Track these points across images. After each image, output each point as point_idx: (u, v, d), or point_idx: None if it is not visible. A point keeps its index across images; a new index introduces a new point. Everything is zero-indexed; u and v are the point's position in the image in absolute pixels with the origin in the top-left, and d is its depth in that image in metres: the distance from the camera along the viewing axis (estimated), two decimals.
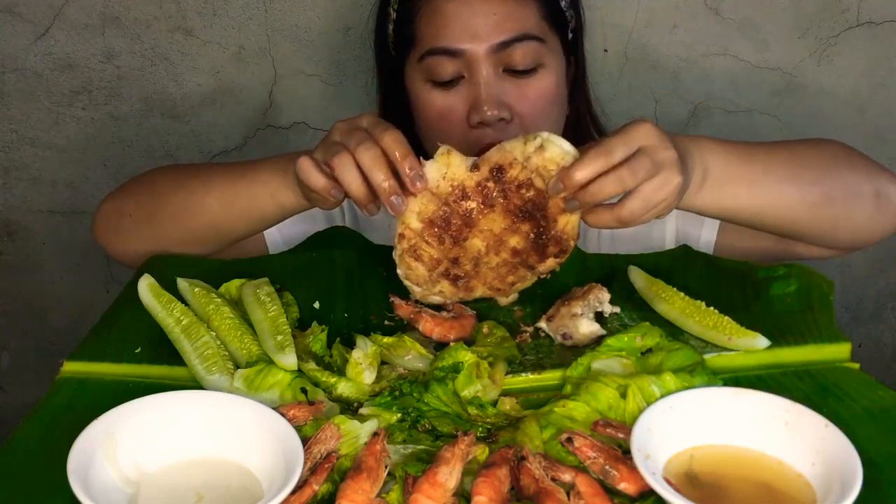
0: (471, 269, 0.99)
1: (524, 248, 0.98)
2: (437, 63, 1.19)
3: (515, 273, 1.00)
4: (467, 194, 0.95)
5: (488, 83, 1.17)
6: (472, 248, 0.98)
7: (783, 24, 1.56)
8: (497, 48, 1.17)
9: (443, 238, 0.97)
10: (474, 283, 1.01)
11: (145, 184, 1.23)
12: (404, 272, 1.00)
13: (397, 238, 0.98)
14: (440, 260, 0.98)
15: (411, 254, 0.98)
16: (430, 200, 0.95)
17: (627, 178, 0.90)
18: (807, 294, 1.05)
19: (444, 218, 0.96)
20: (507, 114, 1.17)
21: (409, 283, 1.01)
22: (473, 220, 0.96)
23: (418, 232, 0.97)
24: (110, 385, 0.93)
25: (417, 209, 0.96)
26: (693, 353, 0.94)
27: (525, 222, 0.96)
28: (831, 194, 1.08)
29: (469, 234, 0.97)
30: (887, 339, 1.83)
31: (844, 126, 1.64)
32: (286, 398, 0.90)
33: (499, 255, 0.99)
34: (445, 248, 0.97)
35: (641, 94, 1.61)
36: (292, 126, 1.64)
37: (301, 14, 1.56)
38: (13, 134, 1.63)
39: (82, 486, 0.71)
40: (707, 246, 1.26)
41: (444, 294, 1.02)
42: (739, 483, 0.79)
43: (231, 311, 1.00)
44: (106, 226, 1.22)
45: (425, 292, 1.02)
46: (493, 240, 0.97)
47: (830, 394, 0.90)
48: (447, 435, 0.86)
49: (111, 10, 1.55)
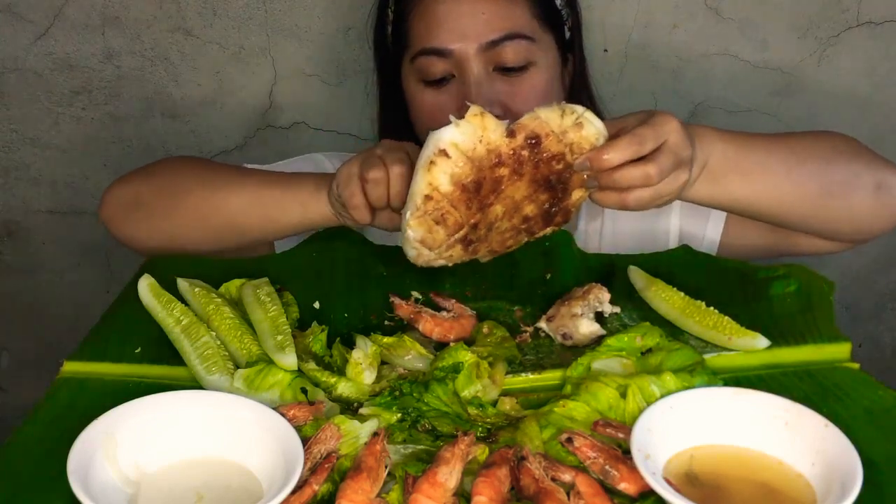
0: (483, 234, 0.97)
1: (534, 217, 0.97)
2: (428, 63, 1.20)
3: (516, 238, 0.99)
4: (502, 161, 0.91)
5: (478, 82, 1.18)
6: (491, 214, 0.95)
7: (783, 24, 1.56)
8: (486, 47, 1.17)
9: (471, 203, 0.93)
10: (480, 247, 0.99)
11: (162, 174, 1.21)
12: (422, 235, 0.94)
13: (421, 199, 0.92)
14: (462, 224, 0.95)
15: (436, 217, 0.93)
16: (466, 164, 0.91)
17: (654, 176, 0.91)
18: (807, 294, 1.05)
19: (477, 182, 0.92)
20: (497, 110, 1.17)
21: (420, 246, 0.95)
22: (502, 187, 0.93)
23: (448, 194, 0.92)
24: (110, 385, 0.93)
25: (451, 171, 0.91)
26: (693, 353, 0.94)
27: (545, 192, 0.94)
28: (830, 186, 1.08)
29: (494, 201, 0.94)
30: (887, 339, 1.83)
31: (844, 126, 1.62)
32: (286, 398, 0.90)
33: (510, 221, 0.96)
34: (471, 213, 0.94)
35: (641, 94, 1.61)
36: (292, 126, 1.64)
37: (301, 14, 1.56)
38: (13, 134, 1.63)
39: (82, 486, 0.71)
40: (711, 244, 1.26)
41: (452, 258, 0.98)
42: (739, 483, 0.79)
43: (231, 311, 1.00)
44: (117, 212, 1.19)
45: (434, 257, 0.97)
46: (511, 206, 0.95)
47: (830, 394, 0.90)
48: (447, 435, 0.86)
49: (111, 10, 1.55)
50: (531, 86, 1.20)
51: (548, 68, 1.22)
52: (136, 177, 1.21)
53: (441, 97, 1.21)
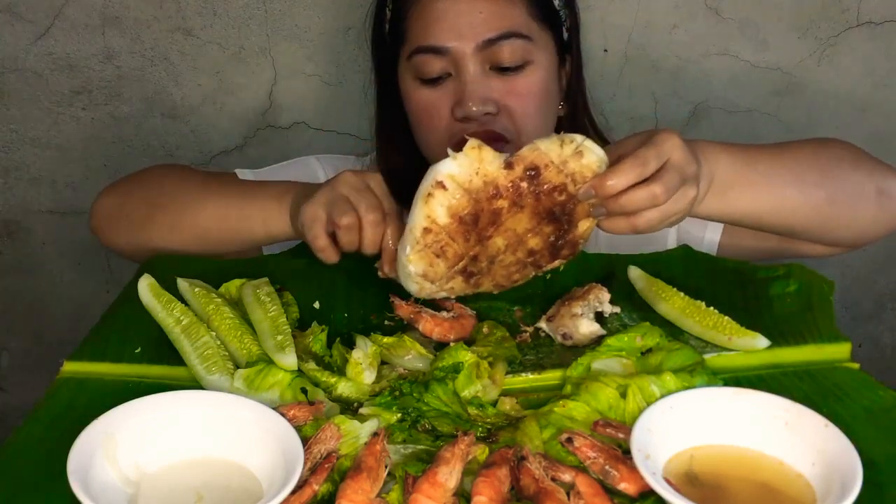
0: (485, 267, 0.96)
1: (540, 250, 0.96)
2: (425, 61, 1.20)
3: (522, 272, 0.98)
4: (500, 193, 0.91)
5: (474, 80, 1.18)
6: (492, 247, 0.94)
7: (783, 24, 1.56)
8: (483, 46, 1.17)
9: (469, 235, 0.93)
10: (483, 280, 0.98)
11: (143, 183, 1.24)
12: (423, 269, 0.95)
13: (420, 233, 0.92)
14: (462, 256, 0.95)
15: (434, 249, 0.93)
16: (462, 196, 0.91)
17: (661, 195, 0.90)
18: (807, 294, 1.05)
19: (474, 214, 0.92)
20: (492, 107, 1.18)
21: (422, 280, 0.96)
22: (501, 220, 0.92)
23: (446, 227, 0.92)
24: (110, 385, 0.93)
25: (447, 203, 0.91)
26: (693, 353, 0.94)
27: (549, 224, 0.93)
28: (834, 195, 1.08)
29: (493, 233, 0.93)
30: (887, 339, 1.83)
31: (844, 126, 1.63)
32: (286, 398, 0.90)
33: (514, 255, 0.96)
34: (469, 245, 0.94)
35: (641, 94, 1.61)
36: (292, 126, 1.64)
37: (301, 14, 1.56)
38: (13, 134, 1.63)
39: (82, 486, 0.71)
40: (710, 246, 1.26)
41: (454, 290, 0.98)
42: (739, 483, 0.79)
43: (231, 311, 1.00)
44: (102, 222, 1.24)
45: (436, 289, 0.98)
46: (513, 239, 0.94)
47: (830, 394, 0.90)
48: (447, 435, 0.86)
49: (111, 10, 1.55)
50: (528, 85, 1.20)
51: (545, 68, 1.22)
52: (120, 187, 1.26)
53: (436, 95, 1.21)
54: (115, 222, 1.22)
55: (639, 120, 1.63)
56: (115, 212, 1.23)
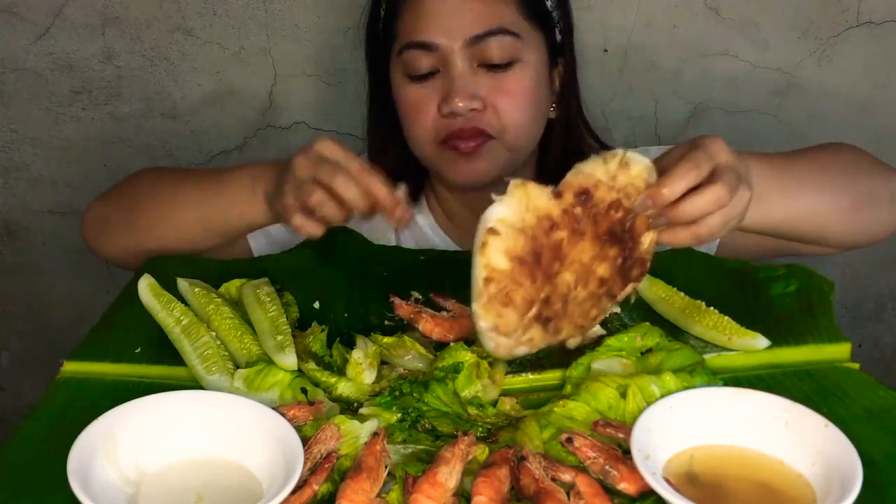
0: (560, 309, 0.88)
1: (611, 276, 0.89)
2: (414, 57, 1.20)
3: (598, 305, 0.91)
4: (556, 223, 0.85)
5: (461, 77, 1.18)
6: (562, 284, 0.87)
7: (783, 24, 1.56)
8: (471, 42, 1.17)
9: (535, 275, 0.85)
10: (562, 324, 0.89)
11: (125, 190, 1.26)
12: (493, 323, 0.86)
13: (482, 284, 0.84)
14: (533, 301, 0.86)
15: (501, 299, 0.85)
16: (517, 235, 0.84)
17: (725, 196, 0.86)
18: (807, 294, 1.05)
19: (535, 253, 0.85)
20: (478, 104, 1.18)
21: (495, 335, 0.87)
22: (564, 252, 0.86)
23: (507, 272, 0.84)
24: (110, 385, 0.93)
25: (504, 247, 0.84)
26: (693, 353, 0.94)
27: (613, 247, 0.88)
28: (858, 200, 1.10)
29: (560, 269, 0.86)
30: (887, 339, 1.83)
31: (844, 126, 1.63)
32: (286, 398, 0.90)
33: (586, 288, 0.89)
34: (538, 287, 0.86)
35: (641, 94, 1.61)
36: (292, 126, 1.64)
37: (301, 14, 1.56)
38: (13, 134, 1.63)
39: (82, 486, 0.71)
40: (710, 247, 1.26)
41: (534, 342, 0.89)
42: (739, 483, 0.79)
43: (231, 311, 1.00)
44: (91, 229, 1.26)
45: (513, 344, 0.88)
46: (582, 271, 0.88)
47: (830, 394, 0.90)
48: (447, 435, 0.86)
49: (111, 10, 1.55)
50: (515, 82, 1.20)
51: (534, 67, 1.22)
52: (106, 196, 1.27)
53: (424, 91, 1.21)
54: (102, 231, 1.24)
55: (639, 120, 1.63)
56: (101, 222, 1.25)
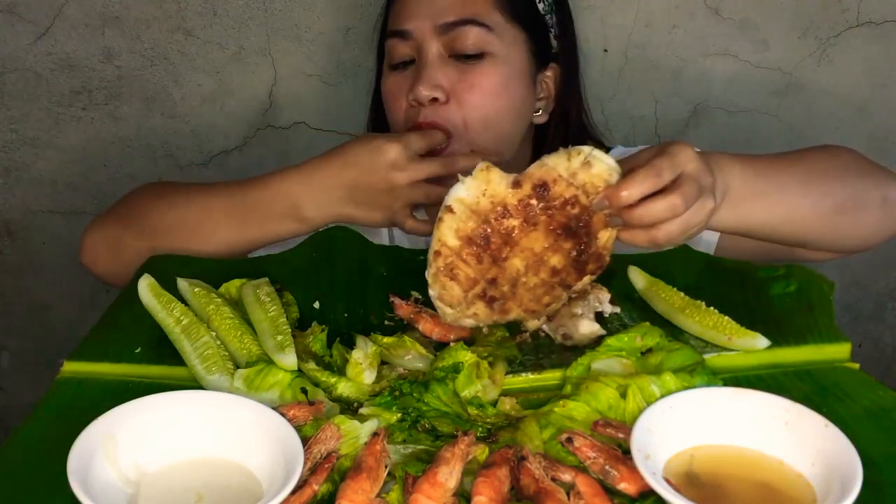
0: (508, 291, 0.94)
1: (564, 267, 0.93)
2: (393, 45, 1.23)
3: (552, 293, 0.95)
4: (509, 212, 0.90)
5: (430, 64, 1.19)
6: (511, 268, 0.93)
7: (783, 24, 1.56)
8: (442, 30, 1.19)
9: (481, 257, 0.92)
10: (510, 305, 0.95)
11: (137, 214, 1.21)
12: (438, 292, 0.94)
13: (432, 255, 0.92)
14: (477, 280, 0.93)
15: (447, 273, 0.93)
16: (470, 217, 0.90)
17: (680, 205, 0.88)
18: (807, 294, 1.05)
19: (484, 236, 0.91)
20: (440, 94, 1.18)
21: (441, 304, 0.95)
22: (514, 239, 0.91)
23: (455, 250, 0.91)
24: (110, 385, 0.93)
25: (455, 226, 0.91)
26: (693, 353, 0.94)
27: (567, 240, 0.92)
28: (843, 204, 1.08)
29: (509, 254, 0.92)
30: (887, 339, 1.83)
31: (844, 126, 1.63)
32: (286, 398, 0.90)
33: (537, 276, 0.94)
34: (483, 268, 0.92)
35: (641, 94, 1.61)
36: (292, 126, 1.64)
37: (301, 14, 1.56)
38: (13, 134, 1.63)
39: (82, 486, 0.71)
40: (708, 246, 1.26)
41: (479, 317, 0.96)
42: (739, 483, 0.79)
43: (231, 311, 1.00)
44: (99, 256, 1.21)
45: (458, 315, 0.96)
46: (532, 259, 0.92)
47: (830, 394, 0.90)
48: (447, 435, 0.86)
49: (111, 10, 1.55)
50: (483, 75, 1.20)
51: (507, 63, 1.21)
52: (110, 219, 1.23)
53: (399, 80, 1.23)
54: (117, 257, 1.19)
55: (639, 120, 1.63)
56: (113, 247, 1.20)
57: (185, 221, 1.17)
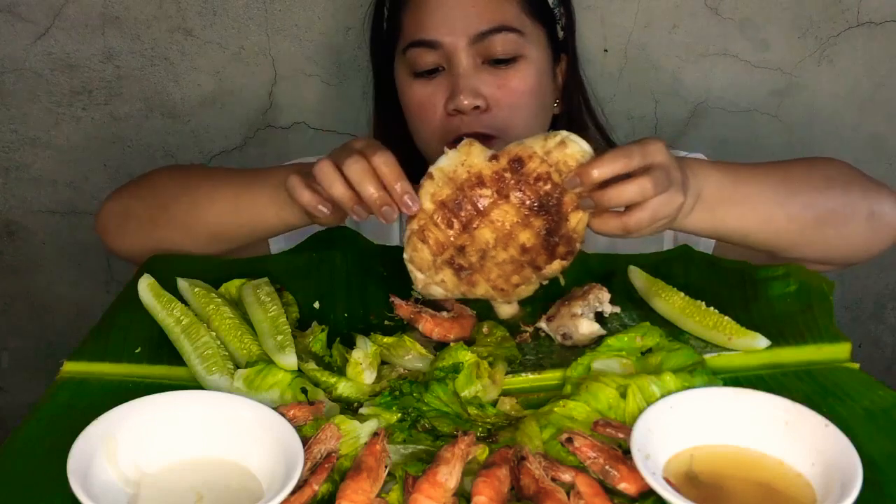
0: (476, 262, 0.97)
1: (533, 246, 0.96)
2: (418, 55, 1.21)
3: (520, 273, 0.98)
4: (483, 182, 0.94)
5: (466, 74, 1.19)
6: (480, 238, 0.96)
7: (783, 24, 1.56)
8: (475, 39, 1.19)
9: (452, 222, 0.95)
10: (477, 278, 0.98)
11: (150, 185, 1.23)
12: (409, 254, 0.98)
13: (408, 220, 0.97)
14: (446, 245, 0.96)
15: (419, 235, 0.97)
16: (446, 184, 0.95)
17: (649, 188, 0.91)
18: (807, 294, 1.05)
19: (457, 202, 0.95)
20: (482, 102, 1.19)
21: (412, 266, 0.98)
22: (486, 210, 0.95)
23: (429, 213, 0.96)
24: (110, 385, 0.93)
25: (432, 191, 0.95)
26: (693, 353, 0.94)
27: (538, 217, 0.94)
28: (823, 216, 1.09)
29: (480, 224, 0.95)
30: (887, 339, 1.83)
31: (844, 126, 1.63)
32: (286, 398, 0.90)
33: (507, 251, 0.96)
34: (454, 233, 0.96)
35: (641, 94, 1.61)
36: (292, 126, 1.64)
37: (301, 14, 1.56)
38: (13, 134, 1.63)
39: (82, 486, 0.71)
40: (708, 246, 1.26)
41: (446, 285, 0.99)
42: (739, 483, 0.79)
43: (231, 311, 1.00)
44: (109, 225, 1.23)
45: (427, 280, 0.99)
46: (503, 233, 0.95)
47: (830, 394, 0.90)
48: (447, 435, 0.86)
49: (111, 10, 1.55)
50: (519, 78, 1.21)
51: (537, 62, 1.23)
52: (125, 191, 1.24)
53: (429, 89, 1.22)
54: (123, 226, 1.21)
55: (639, 120, 1.63)
56: (121, 216, 1.22)
57: (188, 188, 1.18)
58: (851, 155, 1.59)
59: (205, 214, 1.15)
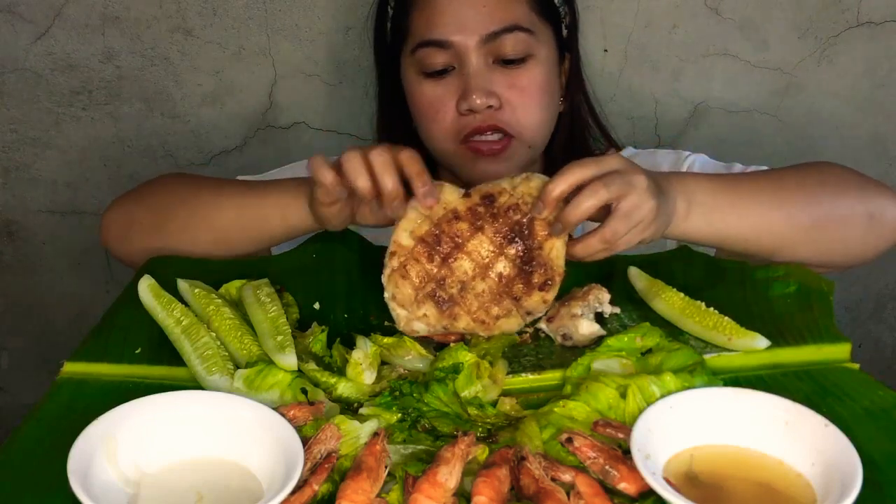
0: (456, 294, 1.00)
1: (509, 275, 1.00)
2: (428, 54, 1.21)
3: (500, 304, 1.00)
4: (459, 216, 0.99)
5: (477, 73, 1.19)
6: (459, 270, 1.00)
7: (783, 24, 1.56)
8: (486, 39, 1.19)
9: (432, 255, 1.00)
10: (458, 311, 1.00)
11: (155, 192, 1.23)
12: (391, 293, 1.00)
13: (388, 257, 1.00)
14: (427, 279, 1.00)
15: (400, 271, 1.00)
16: (423, 221, 1.00)
17: (601, 189, 0.94)
18: (807, 294, 1.05)
19: (436, 236, 1.00)
20: (495, 101, 1.19)
21: (394, 304, 1.01)
22: (463, 241, 0.99)
23: (409, 249, 0.99)
24: (110, 385, 0.93)
25: (410, 228, 1.00)
26: (693, 353, 0.94)
27: (511, 245, 0.99)
28: (821, 219, 1.09)
29: (458, 256, 1.00)
30: (887, 339, 1.83)
31: (844, 126, 1.63)
32: (286, 398, 0.90)
33: (485, 281, 1.00)
34: (434, 266, 1.00)
35: (641, 94, 1.61)
36: (292, 126, 1.64)
37: (301, 14, 1.56)
38: (13, 134, 1.63)
39: (82, 486, 0.71)
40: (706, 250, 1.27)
41: (428, 319, 1.01)
42: (739, 483, 0.79)
43: (231, 311, 1.00)
44: (113, 231, 1.23)
45: (410, 316, 1.01)
46: (480, 263, 1.00)
47: (830, 394, 0.90)
48: (447, 435, 0.86)
49: (111, 10, 1.55)
50: (530, 78, 1.22)
51: (546, 61, 1.24)
52: (129, 198, 1.25)
53: (440, 89, 1.22)
54: (127, 231, 1.21)
55: (639, 120, 1.63)
56: (126, 221, 1.22)
57: (193, 194, 1.18)
58: (851, 155, 1.59)
59: (209, 220, 1.16)
